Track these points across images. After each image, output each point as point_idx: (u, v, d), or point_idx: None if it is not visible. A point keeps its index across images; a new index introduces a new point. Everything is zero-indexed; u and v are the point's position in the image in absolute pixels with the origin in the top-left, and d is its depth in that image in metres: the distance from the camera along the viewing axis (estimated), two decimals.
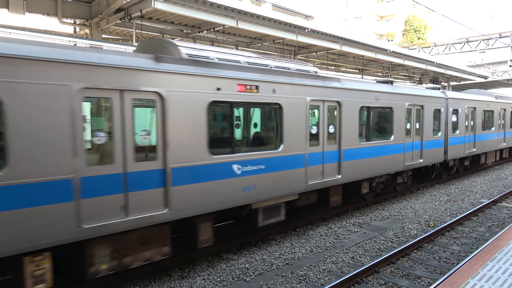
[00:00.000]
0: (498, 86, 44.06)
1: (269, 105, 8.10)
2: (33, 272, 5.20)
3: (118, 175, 5.74)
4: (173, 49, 6.94)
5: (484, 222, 10.33)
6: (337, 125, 9.77)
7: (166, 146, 6.27)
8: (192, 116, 6.64)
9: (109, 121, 5.70)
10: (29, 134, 4.89)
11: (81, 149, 5.35)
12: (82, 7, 13.12)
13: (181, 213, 6.54)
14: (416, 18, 54.37)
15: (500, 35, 25.95)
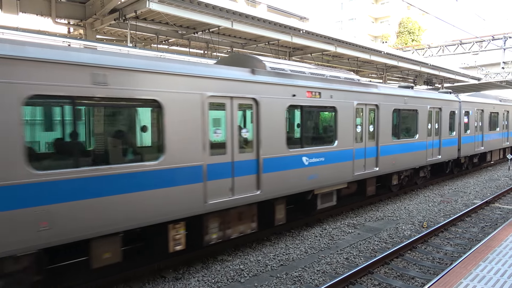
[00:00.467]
0: (491, 87, 44.43)
1: (327, 108, 9.83)
2: (174, 236, 6.86)
3: (228, 163, 7.41)
4: (259, 63, 8.46)
5: (477, 223, 10.41)
6: (375, 125, 11.48)
7: (259, 141, 7.95)
8: (277, 117, 8.30)
9: (224, 121, 7.40)
10: (177, 131, 6.54)
11: (207, 143, 7.01)
12: (76, 8, 13.06)
13: (268, 195, 8.17)
14: (410, 20, 54.69)
15: (493, 37, 26.17)
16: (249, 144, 7.87)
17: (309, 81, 9.14)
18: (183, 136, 6.60)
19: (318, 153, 9.37)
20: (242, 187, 7.62)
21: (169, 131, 6.40)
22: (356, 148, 10.61)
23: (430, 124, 14.19)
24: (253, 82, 7.81)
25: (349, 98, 10.26)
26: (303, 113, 9.05)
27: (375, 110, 11.38)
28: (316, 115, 9.90)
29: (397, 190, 13.72)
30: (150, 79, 6.17)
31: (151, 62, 6.29)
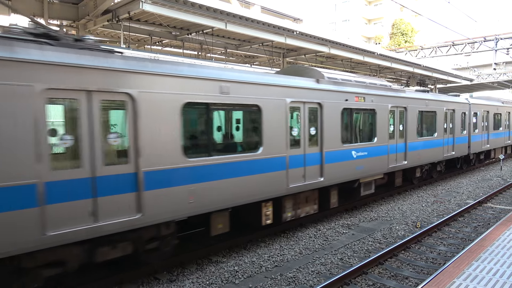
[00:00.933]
0: (483, 88, 44.87)
1: (369, 110, 11.47)
2: (265, 212, 8.59)
3: (301, 155, 9.22)
4: (319, 73, 10.23)
5: (470, 223, 10.49)
6: (404, 125, 13.19)
7: (323, 138, 9.70)
8: (334, 118, 10.05)
9: (299, 121, 9.22)
10: (270, 128, 8.35)
11: (289, 139, 8.80)
12: (69, 8, 12.96)
13: (328, 182, 9.94)
14: (403, 21, 55.08)
15: (484, 39, 26.41)
16: (314, 140, 9.62)
17: (356, 87, 10.99)
18: (275, 133, 8.47)
19: (363, 148, 11.20)
20: (311, 175, 9.45)
21: (265, 129, 8.28)
22: (390, 144, 12.40)
23: (446, 124, 16.09)
24: (318, 89, 9.63)
25: (384, 102, 12.09)
26: (352, 114, 10.88)
27: (403, 112, 13.17)
28: (361, 116, 11.45)
29: (418, 182, 15.52)
30: (254, 89, 8.05)
31: (254, 76, 8.23)
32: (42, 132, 5.19)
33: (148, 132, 6.25)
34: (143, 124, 6.19)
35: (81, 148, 5.59)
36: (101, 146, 5.77)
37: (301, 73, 10.34)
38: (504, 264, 5.72)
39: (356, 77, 11.61)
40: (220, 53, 19.59)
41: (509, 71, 37.85)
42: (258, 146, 8.21)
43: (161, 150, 6.43)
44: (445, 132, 15.94)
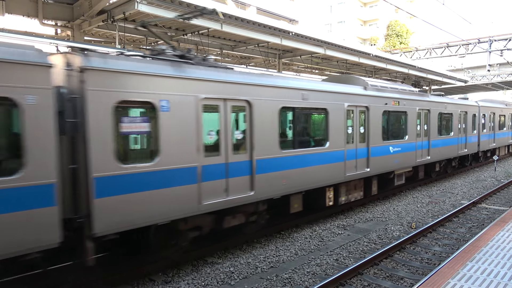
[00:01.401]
0: (478, 90, 45.17)
1: (402, 112, 13.37)
2: (329, 195, 10.59)
3: (354, 150, 11.11)
4: (363, 81, 12.09)
5: (465, 223, 10.55)
6: (428, 125, 15.18)
7: (369, 135, 11.64)
8: (378, 119, 12.01)
9: (352, 122, 11.10)
10: (334, 127, 10.26)
11: (345, 136, 10.69)
12: (63, 9, 12.90)
13: (372, 172, 11.80)
14: (398, 23, 55.35)
15: (478, 40, 26.58)
16: (362, 138, 11.53)
17: (392, 93, 12.94)
18: (337, 132, 10.38)
19: (398, 145, 13.13)
20: (360, 166, 11.33)
21: (331, 128, 10.17)
22: (417, 141, 14.37)
23: (460, 124, 18.03)
24: (366, 95, 11.58)
25: (413, 105, 14.05)
26: (390, 116, 12.76)
27: (427, 114, 15.18)
28: (396, 117, 13.30)
29: (435, 176, 17.36)
30: (324, 95, 9.98)
31: (324, 85, 10.37)
32: (200, 129, 7.11)
33: (259, 130, 8.25)
34: (256, 123, 8.20)
35: (220, 141, 7.58)
36: (231, 139, 7.77)
37: (349, 81, 12.20)
38: (498, 264, 5.75)
39: (390, 84, 13.66)
40: (215, 54, 19.57)
41: (502, 72, 38.13)
42: (325, 141, 10.18)
43: (267, 143, 8.44)
44: (459, 131, 18.02)
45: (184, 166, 6.85)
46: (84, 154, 5.66)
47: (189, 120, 6.93)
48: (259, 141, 8.23)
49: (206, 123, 7.24)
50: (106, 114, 5.83)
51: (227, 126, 7.65)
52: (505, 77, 38.29)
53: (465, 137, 18.72)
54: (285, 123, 9.42)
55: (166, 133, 6.59)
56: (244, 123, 8.18)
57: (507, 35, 25.86)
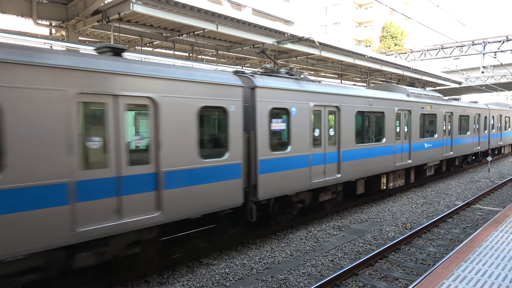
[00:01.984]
0: (472, 91, 45.48)
1: (433, 115, 16.16)
2: (383, 181, 13.16)
3: (400, 145, 13.64)
4: (404, 89, 14.85)
5: (459, 224, 10.60)
6: (451, 125, 17.97)
7: (410, 133, 14.27)
8: (416, 120, 14.67)
9: (399, 122, 13.69)
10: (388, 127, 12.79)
11: (395, 133, 13.29)
12: (58, 9, 12.82)
13: (412, 164, 14.52)
14: (393, 24, 55.62)
15: (473, 42, 26.77)
16: (405, 135, 14.05)
17: (426, 99, 15.69)
18: (390, 130, 13.03)
19: (429, 142, 15.80)
20: (404, 159, 13.99)
21: (386, 127, 12.79)
22: (443, 139, 17.04)
23: (473, 125, 20.81)
24: (408, 101, 14.32)
25: (441, 109, 16.80)
26: (425, 118, 15.48)
27: (451, 116, 17.95)
28: (429, 118, 15.91)
29: (454, 169, 19.90)
30: (382, 102, 12.60)
31: (382, 93, 12.93)
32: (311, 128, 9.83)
33: (344, 128, 10.83)
34: (342, 123, 10.80)
35: (321, 137, 10.26)
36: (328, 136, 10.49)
37: (395, 89, 14.84)
38: (492, 265, 5.78)
39: (424, 92, 16.66)
40: (211, 54, 19.56)
41: (496, 74, 38.42)
42: (382, 138, 12.73)
43: (347, 138, 11.02)
44: (474, 131, 20.84)
45: (302, 154, 9.49)
46: (254, 144, 8.32)
47: (306, 122, 9.54)
48: (343, 136, 10.89)
49: (313, 124, 9.89)
50: (265, 117, 8.53)
51: (325, 125, 10.32)
52: (499, 78, 38.57)
53: (479, 136, 21.58)
54: (358, 123, 11.74)
55: (295, 131, 9.24)
56: (333, 123, 10.83)
57: (501, 37, 26.07)
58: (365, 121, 11.91)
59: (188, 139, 6.92)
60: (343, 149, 10.84)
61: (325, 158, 10.26)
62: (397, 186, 14.06)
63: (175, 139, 6.72)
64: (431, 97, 16.31)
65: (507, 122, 27.53)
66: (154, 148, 6.47)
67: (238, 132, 7.91)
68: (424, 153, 15.33)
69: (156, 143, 6.48)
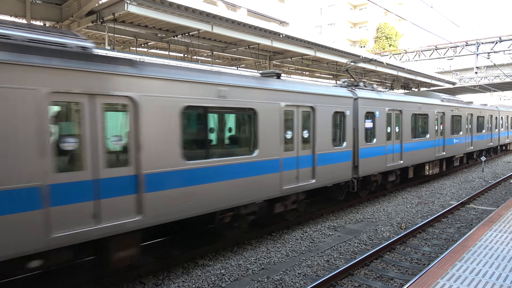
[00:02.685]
0: (465, 92, 45.76)
1: (459, 116, 19.42)
2: (426, 168, 16.56)
3: (432, 141, 16.54)
4: (438, 96, 18.14)
5: (453, 224, 10.66)
6: (471, 124, 21.29)
7: (444, 131, 17.49)
8: (448, 120, 17.79)
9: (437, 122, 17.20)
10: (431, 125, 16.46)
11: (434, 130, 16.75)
12: (52, 9, 12.75)
13: (446, 156, 17.82)
14: (388, 25, 55.82)
15: (466, 43, 26.93)
16: (440, 133, 17.22)
17: (454, 103, 18.94)
18: (431, 128, 16.18)
19: (457, 138, 19.14)
20: (440, 151, 17.19)
21: (429, 125, 15.94)
22: (465, 136, 20.28)
23: (488, 124, 24.48)
24: (443, 105, 17.53)
25: (464, 111, 20.09)
26: (453, 118, 18.68)
27: (471, 117, 21.17)
28: (456, 119, 19.17)
29: (472, 162, 23.01)
30: (427, 106, 15.81)
31: (427, 99, 16.25)
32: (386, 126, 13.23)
33: (405, 125, 14.20)
34: (404, 121, 14.21)
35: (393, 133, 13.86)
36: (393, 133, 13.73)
37: (431, 96, 18.21)
38: (486, 264, 5.82)
39: (453, 97, 20.21)
40: (206, 55, 19.55)
41: (490, 75, 38.70)
42: (427, 134, 15.98)
43: (407, 134, 14.37)
44: (488, 129, 24.47)
45: (382, 145, 12.88)
46: (357, 137, 11.65)
47: (383, 121, 13.03)
48: (405, 133, 14.29)
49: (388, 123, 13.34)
50: (363, 118, 11.91)
51: (393, 124, 13.70)
52: (492, 79, 38.86)
53: (491, 134, 25.20)
54: (413, 122, 14.94)
55: (378, 128, 12.65)
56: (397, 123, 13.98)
57: (494, 38, 26.25)
58: (417, 121, 15.33)
59: (328, 133, 10.39)
60: (405, 142, 14.34)
61: (400, 148, 14.26)
62: (435, 173, 17.49)
63: (323, 134, 10.24)
64: (456, 101, 19.93)
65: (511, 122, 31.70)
66: (312, 140, 9.89)
67: (350, 129, 11.29)
68: (454, 147, 18.74)
69: (313, 137, 9.88)
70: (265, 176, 8.40)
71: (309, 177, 9.73)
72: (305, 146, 9.60)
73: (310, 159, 9.75)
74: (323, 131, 10.11)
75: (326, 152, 10.26)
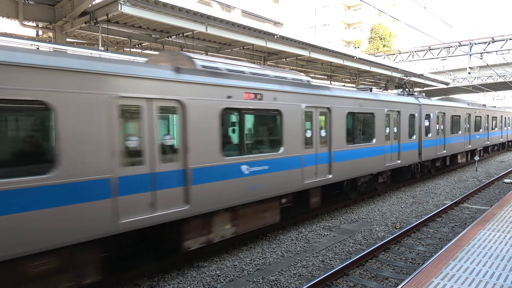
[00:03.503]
0: (459, 92, 46.07)
1: (479, 117, 23.68)
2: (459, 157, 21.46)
3: (442, 139, 18.32)
4: (465, 101, 23.26)
5: (448, 223, 10.73)
6: (487, 123, 25.64)
7: (470, 128, 22.53)
8: (473, 120, 22.62)
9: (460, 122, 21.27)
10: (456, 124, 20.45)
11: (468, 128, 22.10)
12: (45, 10, 12.67)
13: (472, 148, 22.73)
14: (382, 26, 56.10)
15: (459, 44, 27.16)
16: (467, 130, 20.89)
17: (476, 106, 22.78)
18: (456, 127, 19.72)
19: (479, 134, 23.22)
20: (467, 145, 21.14)
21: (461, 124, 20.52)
22: (483, 133, 24.27)
23: (500, 123, 29.64)
24: (469, 108, 21.43)
25: (484, 113, 24.65)
26: (476, 119, 22.59)
27: (488, 117, 25.72)
28: (479, 120, 23.47)
29: (478, 158, 22.87)
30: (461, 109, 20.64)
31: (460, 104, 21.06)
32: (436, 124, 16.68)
33: (431, 125, 16.75)
34: (431, 123, 16.85)
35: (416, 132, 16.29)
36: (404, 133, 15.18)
37: (460, 101, 22.34)
38: (480, 263, 5.86)
39: (475, 101, 24.59)
40: None
41: (482, 75, 39.02)
42: (459, 130, 19.77)
43: (434, 132, 17.11)
44: (499, 127, 29.43)
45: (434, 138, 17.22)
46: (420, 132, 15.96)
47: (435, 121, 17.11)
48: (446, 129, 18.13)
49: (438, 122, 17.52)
50: (423, 119, 16.19)
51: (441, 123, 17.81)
52: (485, 79, 39.19)
53: (501, 131, 30.35)
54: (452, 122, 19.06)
55: (432, 126, 16.49)
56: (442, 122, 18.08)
57: (487, 38, 26.49)
58: (454, 121, 19.34)
59: (405, 129, 14.69)
60: (447, 137, 18.41)
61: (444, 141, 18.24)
62: (463, 162, 21.88)
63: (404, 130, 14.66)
64: (478, 105, 24.33)
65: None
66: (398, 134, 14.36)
67: (417, 126, 15.63)
68: (476, 141, 23.29)
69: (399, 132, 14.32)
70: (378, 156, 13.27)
71: (396, 159, 14.72)
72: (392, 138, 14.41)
73: (396, 147, 14.43)
74: (404, 128, 14.72)
75: (406, 142, 14.94)
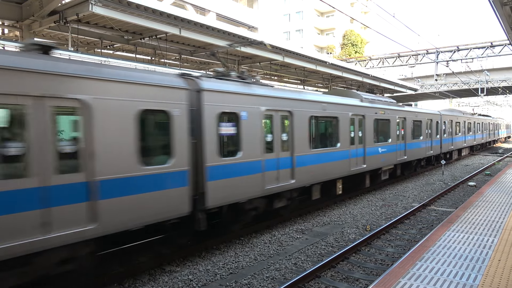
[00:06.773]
0: (426, 98, 47.72)
1: (473, 123, 31.76)
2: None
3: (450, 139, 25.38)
4: (461, 111, 30.33)
5: (415, 225, 11.07)
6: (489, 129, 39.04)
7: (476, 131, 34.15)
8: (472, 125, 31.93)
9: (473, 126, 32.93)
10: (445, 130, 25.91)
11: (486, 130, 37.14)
12: (11, 8, 12.23)
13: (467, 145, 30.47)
14: (354, 33, 57.43)
15: (427, 51, 28.21)
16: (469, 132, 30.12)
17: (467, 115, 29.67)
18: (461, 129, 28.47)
19: (471, 136, 29.52)
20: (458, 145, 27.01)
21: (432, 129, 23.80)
22: (475, 135, 30.92)
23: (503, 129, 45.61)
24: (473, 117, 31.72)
25: (474, 120, 30.92)
26: (469, 124, 29.04)
27: (489, 123, 37.52)
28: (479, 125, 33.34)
29: (478, 152, 31.21)
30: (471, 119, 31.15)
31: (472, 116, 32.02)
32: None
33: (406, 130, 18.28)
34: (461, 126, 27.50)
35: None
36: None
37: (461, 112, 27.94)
38: (445, 263, 6.09)
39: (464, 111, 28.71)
40: (174, 58, 19.34)
41: (449, 82, 40.61)
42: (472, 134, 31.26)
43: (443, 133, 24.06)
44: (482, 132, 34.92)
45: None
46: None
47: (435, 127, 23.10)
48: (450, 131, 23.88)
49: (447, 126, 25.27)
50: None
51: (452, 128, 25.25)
52: (451, 86, 40.81)
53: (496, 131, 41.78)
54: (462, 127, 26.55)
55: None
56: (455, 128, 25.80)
57: (452, 47, 27.63)
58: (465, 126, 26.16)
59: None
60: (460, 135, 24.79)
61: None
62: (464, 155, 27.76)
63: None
64: (469, 113, 29.49)
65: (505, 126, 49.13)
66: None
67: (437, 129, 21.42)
68: (473, 140, 28.61)
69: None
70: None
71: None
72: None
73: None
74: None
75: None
